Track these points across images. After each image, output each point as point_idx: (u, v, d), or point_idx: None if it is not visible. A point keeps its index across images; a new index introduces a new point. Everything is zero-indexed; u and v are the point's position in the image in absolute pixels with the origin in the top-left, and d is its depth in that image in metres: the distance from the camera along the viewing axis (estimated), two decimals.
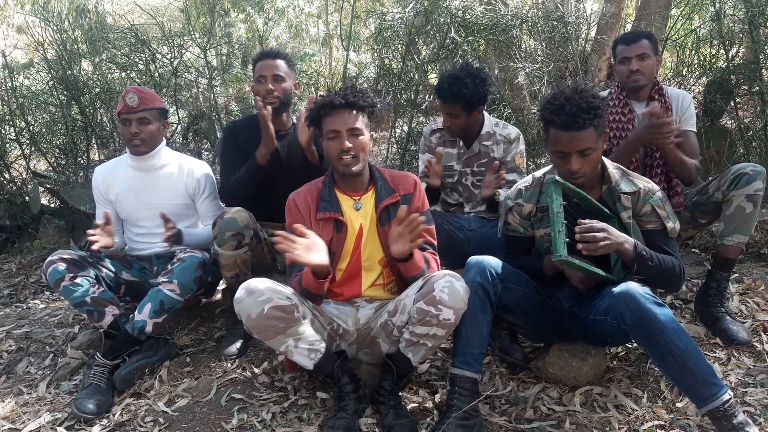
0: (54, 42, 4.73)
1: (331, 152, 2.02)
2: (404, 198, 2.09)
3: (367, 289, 2.11)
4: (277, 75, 2.59)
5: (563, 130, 1.85)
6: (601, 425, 1.90)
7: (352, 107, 1.99)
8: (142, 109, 2.50)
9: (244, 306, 1.85)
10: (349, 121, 1.99)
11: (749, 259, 2.97)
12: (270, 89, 2.57)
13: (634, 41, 2.53)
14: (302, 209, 2.08)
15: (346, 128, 1.98)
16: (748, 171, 2.28)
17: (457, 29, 4.11)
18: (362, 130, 2.01)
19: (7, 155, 4.69)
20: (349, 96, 1.98)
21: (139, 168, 2.62)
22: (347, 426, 1.86)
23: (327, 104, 1.99)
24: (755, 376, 2.08)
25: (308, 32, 9.31)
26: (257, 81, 2.62)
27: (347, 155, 1.99)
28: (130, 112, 2.50)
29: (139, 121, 2.51)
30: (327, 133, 2.01)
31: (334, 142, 1.99)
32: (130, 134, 2.52)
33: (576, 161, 1.87)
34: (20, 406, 2.25)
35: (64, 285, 2.34)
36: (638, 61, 2.52)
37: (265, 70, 2.59)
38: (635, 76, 2.53)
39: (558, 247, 1.78)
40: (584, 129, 1.83)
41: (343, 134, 1.98)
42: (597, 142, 1.87)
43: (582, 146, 1.85)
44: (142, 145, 2.54)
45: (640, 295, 1.75)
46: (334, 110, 1.99)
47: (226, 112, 5.14)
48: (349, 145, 1.98)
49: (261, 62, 2.62)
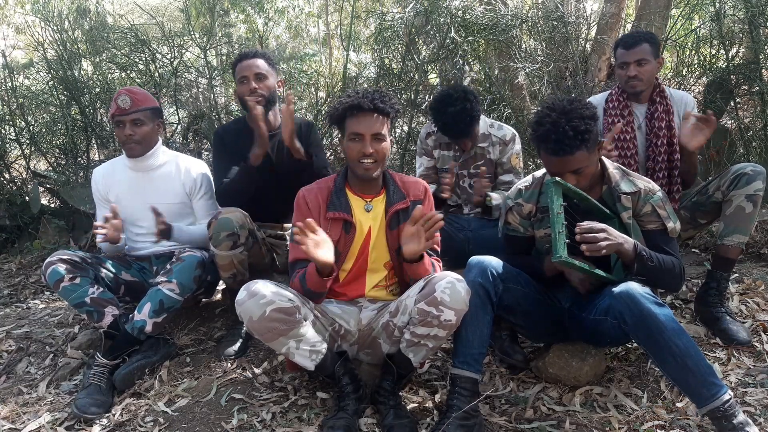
0: (54, 42, 4.73)
1: (351, 154, 2.00)
2: (414, 204, 2.08)
3: (371, 290, 2.11)
4: (259, 73, 2.56)
5: (553, 155, 1.84)
6: (601, 425, 1.90)
7: (379, 112, 1.97)
8: (134, 110, 2.49)
9: (246, 308, 1.85)
10: (375, 126, 1.97)
11: (749, 259, 2.97)
12: (254, 88, 2.54)
13: (634, 46, 2.52)
14: (312, 206, 2.07)
15: (371, 133, 1.96)
16: (747, 171, 2.28)
17: (457, 29, 4.11)
18: (385, 135, 2.00)
19: (7, 155, 4.69)
20: (377, 101, 1.96)
21: (136, 169, 2.62)
22: (347, 426, 1.86)
23: (354, 106, 1.96)
24: (755, 376, 2.08)
25: (308, 32, 9.30)
26: (240, 83, 2.59)
27: (368, 160, 1.98)
28: (123, 114, 2.48)
29: (133, 123, 2.50)
30: (350, 134, 1.99)
31: (357, 144, 1.98)
32: (124, 136, 2.51)
33: (571, 178, 1.87)
34: (20, 406, 2.25)
35: (63, 286, 2.34)
36: (636, 66, 2.51)
37: (246, 70, 2.56)
38: (633, 81, 2.53)
39: (558, 247, 1.78)
40: (573, 153, 1.82)
41: (367, 138, 1.96)
42: (589, 159, 1.87)
43: (573, 167, 1.85)
44: (137, 147, 2.53)
45: (640, 295, 1.75)
46: (361, 113, 1.97)
47: (226, 112, 5.13)
48: (371, 150, 1.96)
49: (240, 64, 2.60)
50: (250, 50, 2.66)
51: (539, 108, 1.93)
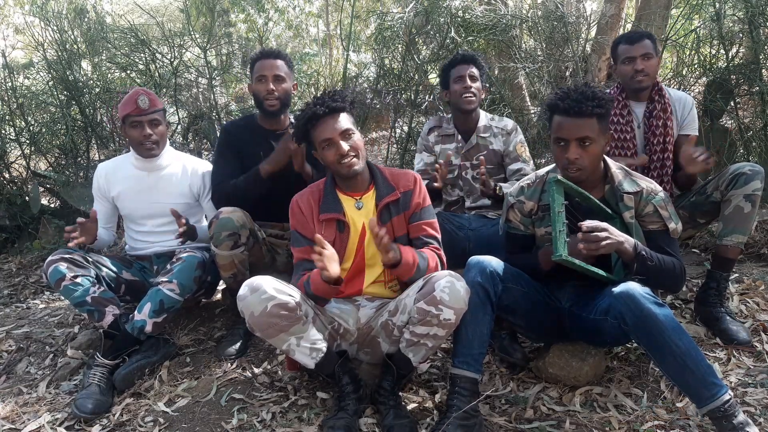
0: (54, 42, 4.73)
1: (330, 160, 2.00)
2: (404, 195, 2.09)
3: (369, 286, 2.12)
4: (278, 75, 2.57)
5: (566, 115, 1.88)
6: (601, 425, 1.90)
7: (336, 111, 1.99)
8: (153, 110, 2.50)
9: (247, 303, 1.86)
10: (338, 125, 1.98)
11: (749, 259, 2.97)
12: (271, 89, 2.55)
13: (638, 40, 2.52)
14: (305, 211, 2.08)
15: (338, 133, 1.98)
16: (746, 171, 2.28)
17: (457, 29, 4.11)
18: (352, 129, 2.02)
19: (7, 155, 4.69)
20: (329, 102, 1.98)
21: (143, 168, 2.62)
22: (347, 426, 1.86)
23: (311, 117, 1.98)
24: (755, 376, 2.08)
25: (308, 32, 9.30)
26: (257, 80, 2.60)
27: (348, 158, 1.99)
28: (142, 114, 2.48)
29: (151, 123, 2.51)
30: (320, 143, 2.01)
31: (331, 150, 1.99)
32: (142, 137, 2.50)
33: (575, 150, 1.88)
34: (20, 406, 2.25)
35: (64, 285, 2.34)
36: (643, 60, 2.51)
37: (266, 69, 2.57)
38: (640, 76, 2.52)
39: (559, 246, 1.78)
40: (587, 116, 1.86)
41: (337, 139, 1.98)
42: (598, 136, 1.89)
43: (582, 134, 1.86)
44: (155, 147, 2.55)
45: (640, 295, 1.75)
46: (320, 120, 1.99)
47: (226, 112, 5.14)
48: (347, 147, 1.98)
49: (261, 62, 2.61)
50: (273, 49, 2.67)
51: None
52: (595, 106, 1.85)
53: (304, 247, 2.06)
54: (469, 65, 2.73)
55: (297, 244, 2.09)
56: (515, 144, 2.80)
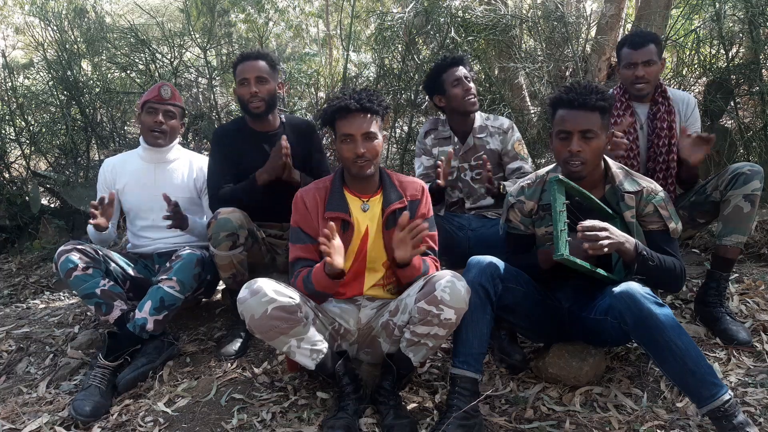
0: (54, 42, 4.73)
1: (345, 155, 2.01)
2: (411, 203, 2.09)
3: (369, 289, 2.12)
4: (260, 77, 2.53)
5: (570, 107, 1.90)
6: (601, 425, 1.90)
7: (367, 111, 1.99)
8: (171, 102, 2.62)
9: (248, 306, 1.86)
10: (364, 125, 1.98)
11: (749, 259, 2.97)
12: (254, 92, 2.52)
13: (641, 46, 2.50)
14: (310, 207, 2.08)
15: (361, 132, 1.98)
16: (745, 171, 2.27)
17: (457, 29, 4.10)
18: (376, 133, 2.01)
19: (7, 155, 4.69)
20: (364, 100, 1.97)
21: (149, 160, 2.67)
22: (347, 426, 1.86)
23: (342, 108, 1.98)
24: (755, 376, 2.08)
25: (308, 32, 9.30)
26: (240, 84, 2.56)
27: (362, 159, 1.99)
28: (160, 102, 2.60)
29: (166, 113, 2.63)
30: (341, 136, 2.01)
31: (349, 146, 1.99)
32: (153, 123, 2.61)
33: (577, 142, 1.88)
34: (20, 406, 2.25)
35: (76, 275, 2.33)
36: (644, 67, 2.50)
37: (248, 72, 2.53)
38: (640, 83, 2.52)
39: (560, 245, 1.78)
40: (590, 109, 1.88)
41: (358, 138, 1.98)
42: (600, 130, 1.90)
43: (585, 126, 1.88)
44: (162, 136, 2.63)
45: (640, 295, 1.75)
46: (349, 114, 1.98)
47: (226, 112, 5.14)
48: (363, 150, 1.98)
49: (242, 65, 2.57)
50: (252, 51, 2.65)
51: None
52: (598, 99, 1.88)
53: (305, 245, 2.05)
54: (460, 66, 2.73)
55: (297, 241, 2.07)
56: (513, 142, 2.80)
